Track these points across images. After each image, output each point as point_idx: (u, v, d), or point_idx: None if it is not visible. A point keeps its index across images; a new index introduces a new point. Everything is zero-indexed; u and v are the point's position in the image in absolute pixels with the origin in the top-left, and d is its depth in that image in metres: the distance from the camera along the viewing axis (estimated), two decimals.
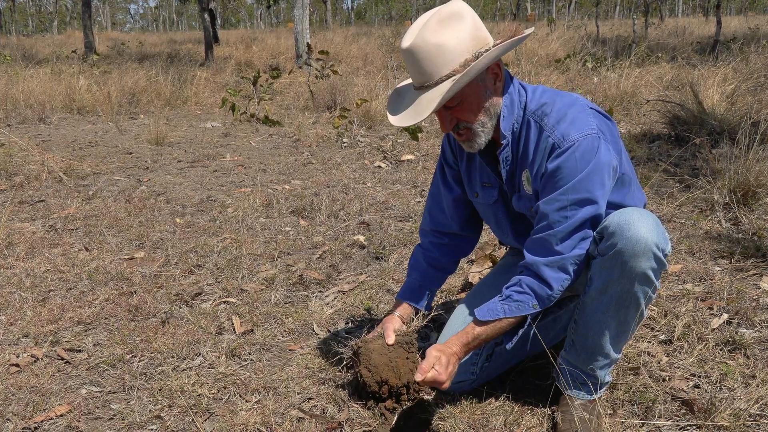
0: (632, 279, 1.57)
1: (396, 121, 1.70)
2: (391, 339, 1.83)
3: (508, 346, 1.76)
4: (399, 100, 1.75)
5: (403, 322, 1.94)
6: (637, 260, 1.54)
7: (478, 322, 1.70)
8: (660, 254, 1.55)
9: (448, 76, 1.60)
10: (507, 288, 1.69)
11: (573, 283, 1.70)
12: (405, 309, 1.98)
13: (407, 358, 1.81)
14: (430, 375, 1.63)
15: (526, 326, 1.72)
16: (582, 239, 1.64)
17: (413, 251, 2.08)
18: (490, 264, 2.71)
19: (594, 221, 1.63)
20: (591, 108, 1.69)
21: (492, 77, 1.67)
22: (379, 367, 1.78)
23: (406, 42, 1.62)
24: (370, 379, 1.79)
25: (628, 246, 1.54)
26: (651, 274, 1.57)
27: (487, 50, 1.61)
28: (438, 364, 1.64)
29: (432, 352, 1.67)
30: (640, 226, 1.53)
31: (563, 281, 1.66)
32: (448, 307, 2.41)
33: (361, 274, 2.83)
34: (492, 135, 1.74)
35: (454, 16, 1.60)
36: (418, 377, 1.62)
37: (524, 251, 1.70)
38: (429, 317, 1.97)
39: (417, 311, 1.99)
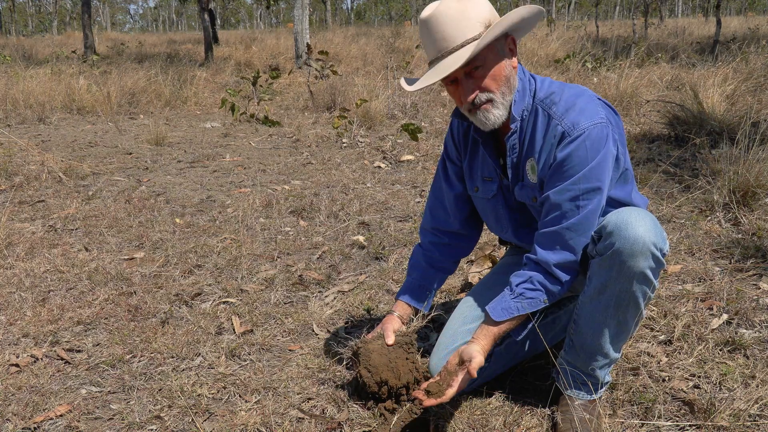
0: (631, 278, 1.57)
1: (416, 86, 1.71)
2: (390, 339, 1.83)
3: (518, 338, 1.77)
4: (411, 81, 1.78)
5: (403, 323, 1.94)
6: (635, 260, 1.54)
7: (494, 323, 1.69)
8: (658, 253, 1.56)
9: (473, 39, 1.62)
10: (518, 285, 1.70)
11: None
12: (405, 309, 1.98)
13: (407, 359, 1.81)
14: (453, 391, 1.63)
15: (530, 325, 1.73)
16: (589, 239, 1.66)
17: (413, 251, 2.08)
18: (490, 264, 2.71)
19: (602, 210, 1.65)
20: (598, 99, 1.71)
21: (510, 52, 1.70)
22: (379, 368, 1.78)
23: (427, 12, 1.65)
24: (370, 379, 1.79)
25: (626, 245, 1.54)
26: (649, 273, 1.57)
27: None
28: (465, 380, 1.64)
29: (475, 366, 1.62)
30: (638, 225, 1.54)
31: (572, 280, 1.69)
32: (448, 307, 2.40)
33: (361, 274, 2.83)
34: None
35: None
36: (453, 389, 1.62)
37: (534, 245, 1.71)
38: (429, 318, 1.97)
39: (417, 311, 1.99)
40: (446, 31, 1.63)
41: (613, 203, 1.74)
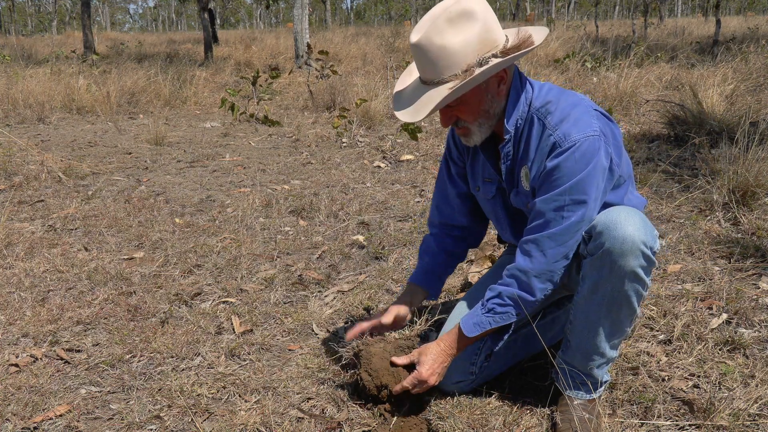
0: (622, 277, 1.58)
1: (399, 115, 1.72)
2: (389, 318, 1.89)
3: (495, 348, 1.78)
4: (404, 85, 1.77)
5: (412, 307, 1.96)
6: (625, 259, 1.55)
7: (465, 336, 1.74)
8: (648, 252, 1.56)
9: (449, 80, 1.60)
10: (489, 300, 1.72)
11: (556, 290, 1.73)
12: (414, 292, 2.00)
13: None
14: (407, 382, 1.74)
15: (509, 332, 1.76)
16: (571, 250, 1.66)
17: (423, 239, 2.10)
18: (490, 264, 2.71)
19: (587, 222, 1.64)
20: (595, 110, 1.69)
21: (496, 80, 1.67)
22: (380, 372, 1.78)
23: (414, 37, 1.62)
24: (370, 383, 1.79)
25: (615, 245, 1.54)
26: (640, 271, 1.57)
27: (494, 54, 1.60)
28: (418, 364, 1.75)
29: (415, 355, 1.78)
30: (627, 224, 1.54)
31: (547, 291, 1.69)
32: (448, 307, 2.40)
33: (361, 274, 2.83)
34: (495, 129, 1.76)
35: (464, 15, 1.57)
36: (397, 388, 1.76)
37: (516, 252, 1.72)
38: (432, 321, 1.97)
39: (426, 294, 2.01)
40: (425, 65, 1.63)
41: (606, 206, 1.74)
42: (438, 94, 1.61)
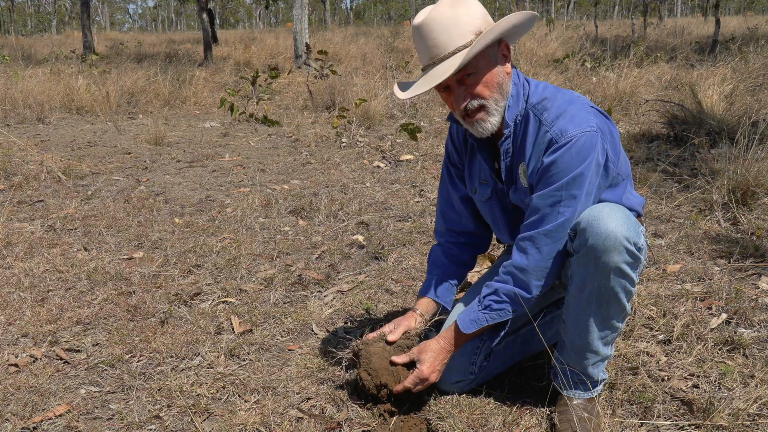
0: (607, 274, 1.58)
1: (408, 93, 1.73)
2: (395, 335, 1.85)
3: (493, 345, 1.79)
4: (405, 84, 1.79)
5: (424, 321, 1.95)
6: (608, 255, 1.55)
7: (462, 333, 1.75)
8: (632, 247, 1.56)
9: (465, 46, 1.63)
10: (485, 297, 1.73)
11: (555, 289, 1.75)
12: (428, 306, 1.98)
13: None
14: (409, 381, 1.74)
15: (506, 329, 1.77)
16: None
17: (431, 250, 2.08)
18: (489, 264, 2.72)
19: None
20: (591, 107, 1.70)
21: (503, 58, 1.71)
22: (379, 371, 1.78)
23: (420, 18, 1.66)
24: (370, 383, 1.79)
25: (598, 241, 1.55)
26: (625, 267, 1.57)
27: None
28: (418, 362, 1.75)
29: (414, 352, 1.78)
30: (609, 220, 1.55)
31: (543, 287, 1.70)
32: None
33: (360, 274, 2.83)
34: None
35: (461, 1, 1.65)
36: (398, 388, 1.75)
37: (514, 250, 1.72)
38: (432, 321, 1.97)
39: (439, 308, 1.99)
40: (437, 38, 1.64)
41: None
42: (457, 59, 1.62)
